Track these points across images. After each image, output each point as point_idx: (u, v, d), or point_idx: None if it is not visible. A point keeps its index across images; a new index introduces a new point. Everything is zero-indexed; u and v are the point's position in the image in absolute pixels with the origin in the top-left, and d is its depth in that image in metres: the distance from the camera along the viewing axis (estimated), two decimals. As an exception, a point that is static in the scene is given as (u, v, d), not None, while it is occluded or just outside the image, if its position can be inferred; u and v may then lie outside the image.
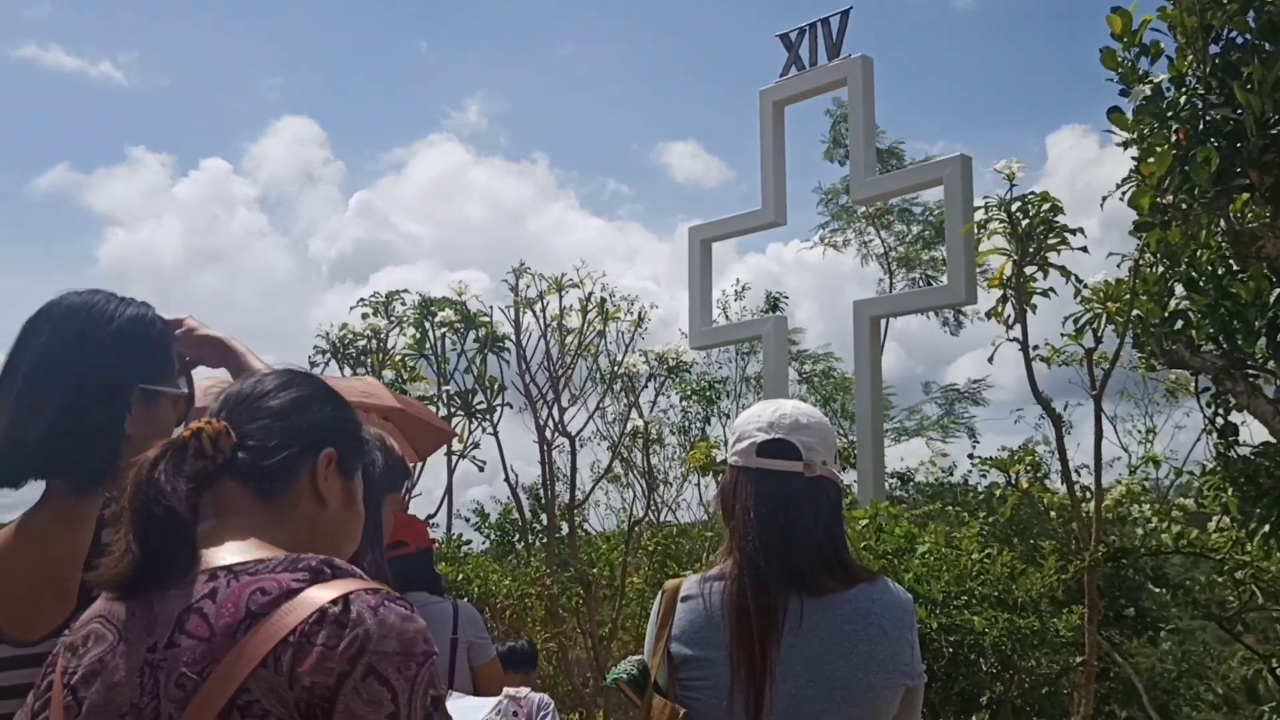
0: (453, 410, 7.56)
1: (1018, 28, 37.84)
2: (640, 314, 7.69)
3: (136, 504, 1.24)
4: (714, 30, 42.71)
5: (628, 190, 41.25)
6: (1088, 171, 28.29)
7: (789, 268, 27.40)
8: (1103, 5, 4.27)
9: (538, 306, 7.42)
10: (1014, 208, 5.42)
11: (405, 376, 7.37)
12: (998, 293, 5.61)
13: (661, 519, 10.11)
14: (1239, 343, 4.97)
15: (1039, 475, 6.62)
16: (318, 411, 1.44)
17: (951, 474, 13.09)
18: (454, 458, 7.72)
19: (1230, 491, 5.45)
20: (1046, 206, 5.37)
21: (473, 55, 53.89)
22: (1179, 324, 5.31)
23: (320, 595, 1.19)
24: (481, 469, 7.78)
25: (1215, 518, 6.40)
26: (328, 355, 7.65)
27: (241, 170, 45.40)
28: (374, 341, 7.57)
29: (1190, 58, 4.17)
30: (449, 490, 7.94)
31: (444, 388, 7.53)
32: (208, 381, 2.12)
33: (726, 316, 13.36)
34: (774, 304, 14.67)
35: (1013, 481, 6.48)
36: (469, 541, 8.33)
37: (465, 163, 41.45)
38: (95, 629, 1.25)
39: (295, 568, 1.23)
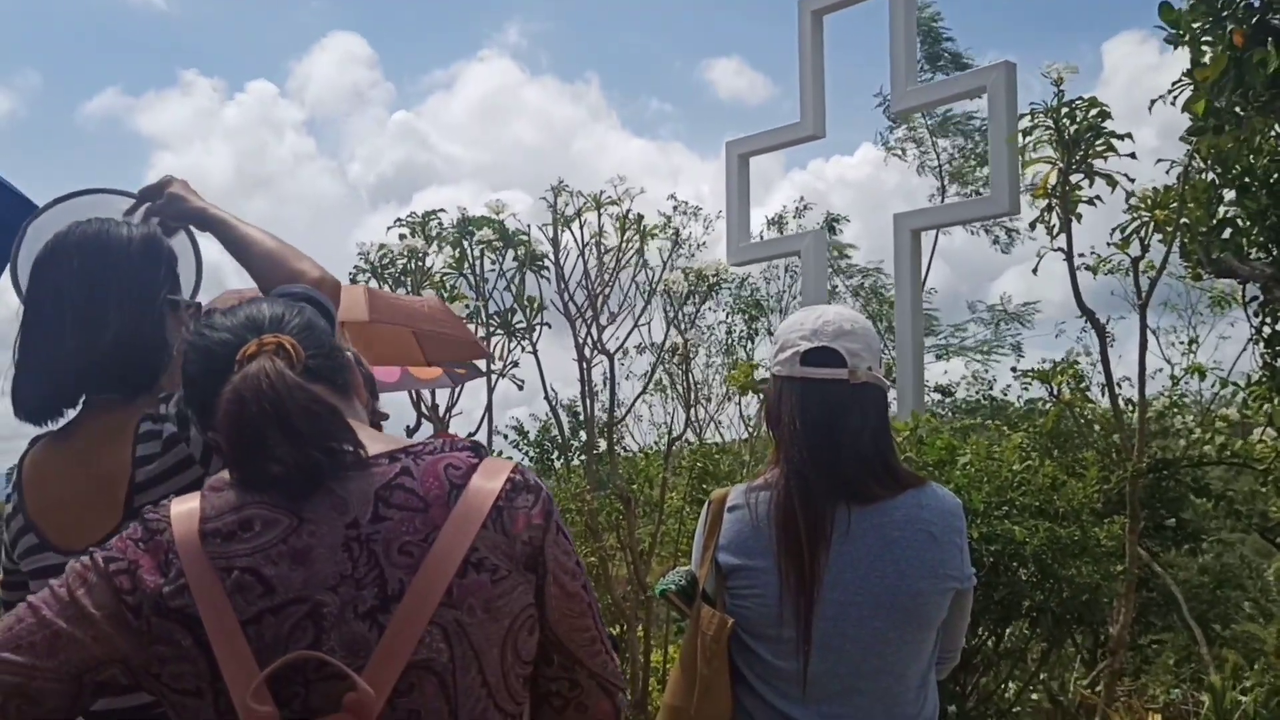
0: (491, 329, 7.59)
1: (1067, -72, 36.37)
2: (677, 231, 7.63)
3: (294, 406, 1.27)
4: (755, -62, 41.42)
5: (670, 109, 40.36)
6: (1146, 79, 27.29)
7: (831, 184, 26.85)
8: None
9: (575, 224, 7.38)
10: (1061, 114, 5.29)
11: (445, 296, 7.38)
12: (1043, 204, 5.50)
13: (702, 435, 10.13)
14: (1290, 250, 4.87)
15: (1081, 387, 6.56)
16: (323, 321, 1.52)
17: (991, 388, 13.02)
18: (493, 377, 7.77)
19: (1276, 401, 5.39)
20: (1094, 112, 5.23)
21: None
22: (1227, 232, 5.19)
23: (499, 468, 1.36)
24: (521, 387, 7.85)
25: (1260, 429, 6.33)
26: (368, 275, 7.68)
27: (288, 92, 45.11)
28: (412, 262, 7.59)
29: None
30: (489, 409, 8.01)
31: (481, 305, 7.54)
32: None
33: (780, 232, 13.15)
34: (831, 224, 14.46)
35: (1055, 393, 6.42)
36: (508, 460, 8.44)
37: (518, 82, 40.66)
38: (257, 514, 1.25)
39: (458, 447, 1.37)
